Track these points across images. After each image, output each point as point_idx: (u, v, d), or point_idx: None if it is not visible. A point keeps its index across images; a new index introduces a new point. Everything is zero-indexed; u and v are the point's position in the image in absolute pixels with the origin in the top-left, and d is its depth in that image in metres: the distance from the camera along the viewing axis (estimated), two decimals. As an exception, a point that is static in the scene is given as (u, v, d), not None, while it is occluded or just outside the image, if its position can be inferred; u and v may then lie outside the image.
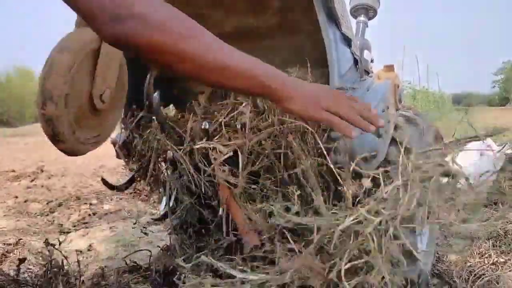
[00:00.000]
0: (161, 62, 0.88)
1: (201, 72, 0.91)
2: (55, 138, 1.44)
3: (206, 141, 1.62)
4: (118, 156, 2.13)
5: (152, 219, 2.91)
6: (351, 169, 1.36)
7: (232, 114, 1.68)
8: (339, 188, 1.38)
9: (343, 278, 1.12)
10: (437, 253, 2.48)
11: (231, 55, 0.93)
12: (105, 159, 6.53)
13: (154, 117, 1.78)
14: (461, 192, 1.41)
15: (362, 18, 2.63)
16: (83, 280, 2.01)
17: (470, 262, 2.33)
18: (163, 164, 1.87)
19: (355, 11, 2.65)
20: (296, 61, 1.93)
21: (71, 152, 1.54)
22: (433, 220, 1.30)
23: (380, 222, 1.19)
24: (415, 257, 1.90)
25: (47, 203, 4.49)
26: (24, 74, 30.00)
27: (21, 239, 3.14)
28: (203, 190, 1.72)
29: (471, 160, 3.70)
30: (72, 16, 1.65)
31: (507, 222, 3.08)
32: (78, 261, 2.15)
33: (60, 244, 2.05)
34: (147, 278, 2.13)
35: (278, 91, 0.98)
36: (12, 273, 2.02)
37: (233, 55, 0.93)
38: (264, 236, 1.46)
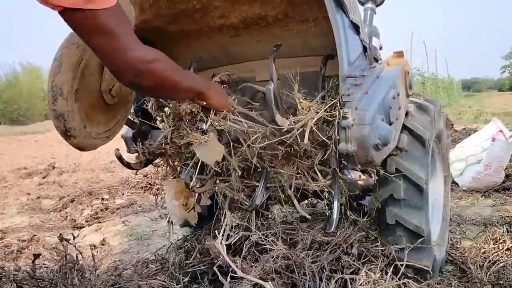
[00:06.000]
0: (155, 96, 1.76)
1: (172, 96, 1.60)
2: (66, 133, 1.45)
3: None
4: (129, 151, 2.13)
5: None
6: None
7: None
8: None
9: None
10: (451, 240, 2.47)
11: (186, 79, 1.50)
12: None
13: None
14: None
15: (369, 5, 2.60)
16: (98, 274, 2.03)
17: (485, 248, 2.31)
18: None
19: (362, -2, 2.62)
20: (304, 49, 1.91)
21: (82, 147, 1.54)
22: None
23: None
24: (428, 243, 1.90)
25: (59, 199, 4.53)
26: (32, 72, 30.18)
27: (35, 235, 3.18)
28: None
29: (483, 146, 3.66)
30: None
31: (521, 207, 3.06)
32: (93, 256, 2.17)
33: (74, 239, 2.07)
34: (163, 270, 2.14)
35: (204, 95, 1.57)
36: (27, 268, 2.04)
37: (187, 79, 1.51)
38: None
